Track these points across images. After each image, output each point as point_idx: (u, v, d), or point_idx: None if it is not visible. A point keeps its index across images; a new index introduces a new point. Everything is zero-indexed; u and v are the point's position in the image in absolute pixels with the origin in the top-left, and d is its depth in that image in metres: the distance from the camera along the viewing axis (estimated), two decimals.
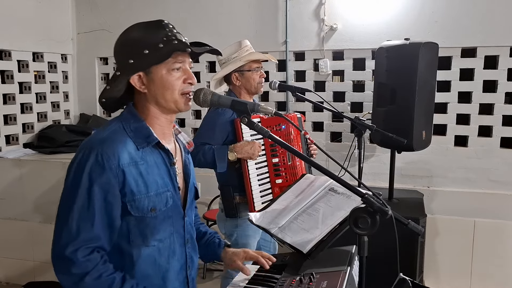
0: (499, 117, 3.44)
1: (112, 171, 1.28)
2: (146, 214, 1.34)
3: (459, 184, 3.54)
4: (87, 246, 1.26)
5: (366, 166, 3.62)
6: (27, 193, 3.71)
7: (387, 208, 1.18)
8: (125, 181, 1.30)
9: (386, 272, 1.47)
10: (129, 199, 1.31)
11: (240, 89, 2.58)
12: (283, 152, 2.49)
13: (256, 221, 1.76)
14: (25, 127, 4.02)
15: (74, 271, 1.24)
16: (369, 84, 3.66)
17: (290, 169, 2.48)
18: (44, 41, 4.08)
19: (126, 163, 1.30)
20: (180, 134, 1.55)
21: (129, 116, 1.39)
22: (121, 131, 1.35)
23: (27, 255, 3.76)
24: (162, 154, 1.40)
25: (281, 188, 2.43)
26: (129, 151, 1.32)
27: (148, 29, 1.34)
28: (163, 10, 4.03)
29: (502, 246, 3.42)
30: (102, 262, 1.28)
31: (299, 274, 1.49)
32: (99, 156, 1.27)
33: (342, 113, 2.76)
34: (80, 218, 1.26)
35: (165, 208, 1.38)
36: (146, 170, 1.34)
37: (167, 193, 1.38)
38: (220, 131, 2.46)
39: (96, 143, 1.30)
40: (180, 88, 1.36)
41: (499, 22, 3.33)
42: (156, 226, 1.37)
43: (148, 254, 1.37)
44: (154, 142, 1.37)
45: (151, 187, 1.34)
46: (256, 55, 2.54)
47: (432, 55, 2.96)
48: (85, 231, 1.26)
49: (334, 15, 3.66)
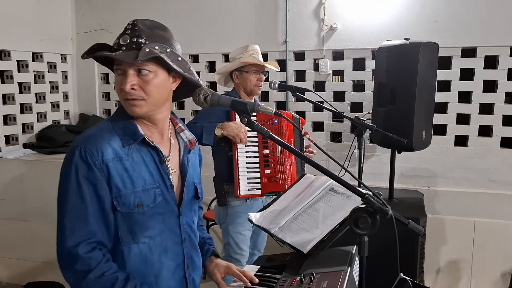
0: (499, 117, 3.44)
1: (96, 167, 1.30)
2: (132, 209, 1.34)
3: (459, 184, 3.54)
4: (87, 242, 1.28)
5: (366, 166, 3.62)
6: (26, 193, 3.70)
7: (387, 208, 1.18)
8: (110, 176, 1.32)
9: (386, 272, 1.47)
10: (115, 194, 1.33)
11: (239, 87, 2.71)
12: (273, 144, 2.60)
13: (256, 221, 1.76)
14: (25, 127, 4.02)
15: (78, 267, 1.27)
16: (369, 84, 3.66)
17: (279, 161, 2.61)
18: (43, 41, 4.07)
19: (110, 158, 1.32)
20: (182, 132, 1.54)
21: (118, 115, 1.42)
22: (109, 129, 1.38)
23: (27, 255, 3.76)
24: (151, 152, 1.41)
25: (269, 179, 2.58)
26: (113, 147, 1.34)
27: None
28: (162, 10, 4.03)
29: (502, 246, 3.42)
30: (104, 260, 1.30)
31: (299, 274, 1.48)
32: (83, 153, 1.30)
33: (342, 113, 2.76)
34: (74, 214, 1.29)
35: (153, 204, 1.38)
36: (132, 166, 1.35)
37: (156, 190, 1.39)
38: (215, 118, 2.56)
39: (80, 141, 1.34)
40: (120, 94, 1.36)
41: (499, 22, 3.32)
42: (145, 222, 1.37)
43: (138, 251, 1.37)
44: (140, 138, 1.38)
45: (137, 182, 1.35)
46: (252, 59, 2.62)
47: (432, 55, 2.95)
48: (81, 226, 1.29)
49: (334, 15, 3.66)
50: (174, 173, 1.47)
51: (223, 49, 3.78)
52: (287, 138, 2.62)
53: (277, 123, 2.60)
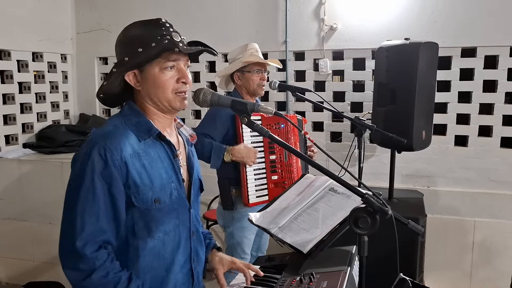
0: (499, 117, 3.44)
1: (115, 165, 1.29)
2: (150, 206, 1.35)
3: (459, 184, 3.54)
4: (94, 241, 1.28)
5: (366, 166, 3.62)
6: (26, 193, 3.70)
7: (387, 208, 1.18)
8: (128, 174, 1.31)
9: (386, 272, 1.47)
10: (133, 191, 1.33)
11: (241, 88, 2.65)
12: (280, 149, 2.55)
13: (256, 221, 1.76)
14: (25, 127, 4.02)
15: (82, 267, 1.26)
16: (369, 84, 3.66)
17: (286, 167, 2.55)
18: (43, 41, 4.07)
19: (129, 155, 1.32)
20: (182, 127, 1.56)
21: (129, 111, 1.41)
22: (123, 125, 1.37)
23: (27, 255, 3.76)
24: (165, 147, 1.42)
25: (276, 184, 2.52)
26: (131, 143, 1.34)
27: (145, 28, 1.36)
28: (162, 10, 4.03)
29: (502, 246, 3.42)
30: (109, 260, 1.30)
31: (299, 274, 1.49)
32: (102, 150, 1.29)
33: (342, 113, 2.76)
34: (85, 211, 1.28)
35: (169, 200, 1.39)
36: (150, 164, 1.36)
37: (171, 185, 1.40)
38: (221, 124, 2.51)
39: (99, 138, 1.32)
40: (174, 88, 1.37)
41: (499, 22, 3.32)
42: (161, 218, 1.38)
43: (153, 246, 1.38)
44: (155, 133, 1.38)
45: (155, 180, 1.36)
46: (254, 58, 2.58)
47: (432, 55, 2.95)
48: (91, 224, 1.28)
49: (334, 15, 3.66)
50: (183, 167, 1.48)
51: (223, 49, 3.76)
52: (294, 142, 2.57)
53: (284, 128, 2.55)
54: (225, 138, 2.53)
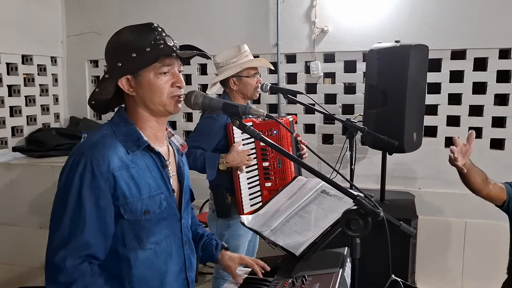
0: (488, 118, 3.47)
1: (102, 176, 1.27)
2: (139, 217, 1.33)
3: (450, 185, 3.55)
4: (78, 255, 1.25)
5: (358, 168, 3.60)
6: (16, 197, 3.66)
7: (378, 210, 1.18)
8: (116, 185, 1.29)
9: (378, 274, 1.48)
10: (122, 202, 1.31)
11: (236, 93, 2.59)
12: (273, 156, 2.51)
13: (248, 224, 1.76)
14: (14, 130, 3.98)
15: (61, 279, 1.24)
16: (360, 86, 3.67)
17: (280, 174, 2.51)
18: (33, 43, 4.04)
19: (117, 167, 1.30)
20: (173, 136, 1.55)
21: (119, 120, 1.39)
22: (111, 135, 1.35)
23: (17, 260, 3.72)
24: (153, 157, 1.40)
25: (270, 191, 2.46)
26: (119, 155, 1.32)
27: (138, 32, 1.34)
28: (154, 13, 4.01)
29: (493, 247, 3.43)
30: (90, 274, 1.27)
31: (291, 276, 1.49)
32: (89, 161, 1.27)
33: (333, 115, 2.76)
34: (71, 224, 1.25)
35: (159, 210, 1.37)
36: (138, 173, 1.34)
37: (161, 196, 1.38)
38: (214, 136, 2.47)
39: (86, 148, 1.30)
40: (169, 92, 1.36)
41: (488, 25, 3.36)
42: (151, 228, 1.36)
43: (145, 257, 1.36)
44: (144, 145, 1.37)
45: (143, 190, 1.34)
46: (256, 63, 2.57)
47: (422, 57, 2.97)
48: (76, 237, 1.25)
49: (325, 17, 3.68)
50: (173, 177, 1.47)
51: (214, 52, 3.71)
52: (287, 147, 2.52)
53: (277, 134, 2.50)
54: (216, 147, 2.48)
